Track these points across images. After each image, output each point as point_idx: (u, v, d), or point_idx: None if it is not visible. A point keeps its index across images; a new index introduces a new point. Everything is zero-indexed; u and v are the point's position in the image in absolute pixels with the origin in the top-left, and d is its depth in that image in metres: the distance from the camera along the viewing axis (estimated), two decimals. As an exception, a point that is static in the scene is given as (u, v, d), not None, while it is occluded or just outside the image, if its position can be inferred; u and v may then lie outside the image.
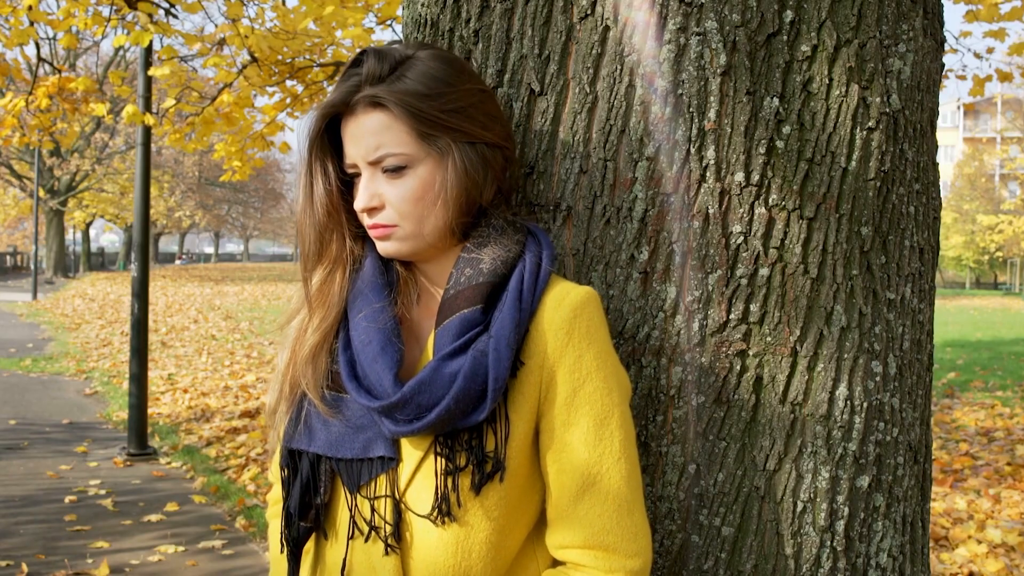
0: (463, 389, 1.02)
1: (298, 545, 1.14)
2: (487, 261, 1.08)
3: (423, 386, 1.02)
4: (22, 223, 44.49)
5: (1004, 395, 8.95)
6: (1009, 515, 4.68)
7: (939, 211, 1.41)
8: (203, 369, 10.11)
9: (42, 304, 20.21)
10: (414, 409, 1.03)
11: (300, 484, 1.11)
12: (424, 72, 1.08)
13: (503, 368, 1.02)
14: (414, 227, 1.09)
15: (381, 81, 1.07)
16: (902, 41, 1.28)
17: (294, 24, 5.32)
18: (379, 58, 1.08)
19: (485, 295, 1.06)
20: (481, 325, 1.05)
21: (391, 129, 1.06)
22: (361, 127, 1.08)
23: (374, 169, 1.09)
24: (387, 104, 1.06)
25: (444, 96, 1.07)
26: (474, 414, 1.03)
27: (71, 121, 7.51)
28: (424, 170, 1.07)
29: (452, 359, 1.03)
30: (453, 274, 1.10)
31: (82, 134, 28.55)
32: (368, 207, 1.09)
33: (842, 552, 1.25)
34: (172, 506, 5.01)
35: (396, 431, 1.05)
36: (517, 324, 1.04)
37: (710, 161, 1.21)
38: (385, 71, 1.07)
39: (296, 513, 1.12)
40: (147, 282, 6.39)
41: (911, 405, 1.33)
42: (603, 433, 1.06)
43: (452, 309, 1.06)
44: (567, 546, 1.07)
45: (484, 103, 1.12)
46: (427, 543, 1.07)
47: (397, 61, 1.08)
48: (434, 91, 1.07)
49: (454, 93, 1.08)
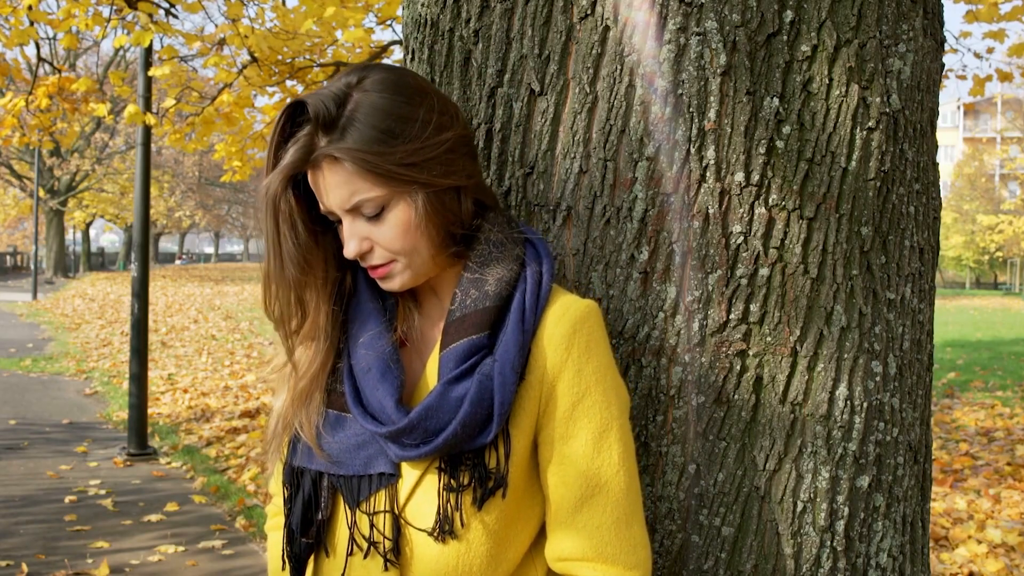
0: (469, 414, 1.02)
1: (300, 562, 1.13)
2: (492, 283, 1.08)
3: (430, 411, 1.03)
4: (22, 223, 44.50)
5: (1004, 395, 8.94)
6: (1009, 515, 4.68)
7: (939, 211, 1.41)
8: (203, 369, 10.11)
9: (42, 304, 20.20)
10: (421, 434, 1.03)
11: (302, 501, 1.12)
12: (373, 111, 1.03)
13: (508, 392, 1.03)
14: (410, 258, 1.07)
15: (332, 127, 1.02)
16: (902, 41, 1.28)
17: (294, 24, 5.32)
18: (322, 100, 1.02)
19: (492, 321, 1.06)
20: (486, 348, 1.05)
21: (358, 177, 1.03)
22: (330, 180, 1.04)
23: (354, 216, 1.06)
24: (343, 161, 1.02)
25: (398, 146, 1.02)
26: (480, 437, 1.04)
27: (71, 121, 7.52)
28: (403, 205, 1.05)
29: (458, 383, 1.04)
30: (457, 294, 1.09)
31: (82, 134, 28.54)
32: (359, 253, 1.07)
33: (842, 552, 1.25)
34: (172, 506, 5.01)
35: (403, 456, 1.05)
36: (520, 347, 1.04)
37: (710, 161, 1.21)
38: (333, 112, 1.02)
39: (298, 529, 1.12)
40: (147, 282, 6.39)
41: (911, 405, 1.33)
42: (602, 445, 1.06)
43: (460, 333, 1.06)
44: (566, 558, 1.07)
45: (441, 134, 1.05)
46: (427, 558, 1.07)
47: (342, 99, 1.03)
48: (388, 139, 1.02)
49: (410, 132, 1.03)
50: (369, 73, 1.06)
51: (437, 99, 1.08)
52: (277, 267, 1.07)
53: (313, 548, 1.13)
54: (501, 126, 1.32)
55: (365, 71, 1.06)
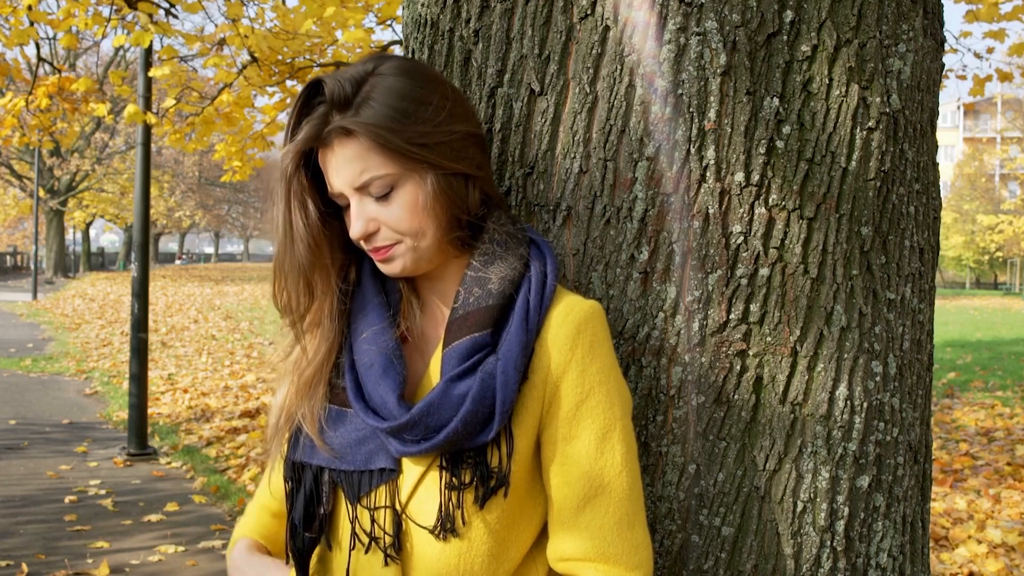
0: (471, 412, 1.02)
1: (304, 556, 1.14)
2: (495, 281, 1.08)
3: (431, 408, 1.03)
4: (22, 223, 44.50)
5: (1004, 395, 8.95)
6: (1009, 515, 4.68)
7: (939, 211, 1.41)
8: (203, 369, 10.11)
9: (42, 304, 20.20)
10: (422, 430, 1.04)
11: (304, 496, 1.12)
12: (389, 91, 1.05)
13: (511, 391, 1.03)
14: (414, 241, 1.08)
15: (348, 105, 1.04)
16: (902, 41, 1.28)
17: (294, 24, 5.33)
18: (339, 81, 1.05)
19: (495, 319, 1.06)
20: (489, 346, 1.06)
21: (371, 153, 1.05)
22: (340, 157, 1.06)
23: (362, 195, 1.07)
24: (359, 134, 1.04)
25: (411, 126, 1.04)
26: (481, 435, 1.04)
27: (71, 121, 7.52)
28: (411, 185, 1.06)
29: (460, 380, 1.04)
30: (461, 292, 1.09)
31: (82, 134, 28.55)
32: (365, 233, 1.08)
33: (842, 552, 1.25)
34: (172, 506, 5.01)
35: (403, 451, 1.06)
36: (524, 346, 1.05)
37: (710, 161, 1.21)
38: (349, 92, 1.04)
39: (300, 524, 1.12)
40: (147, 282, 6.39)
41: (911, 405, 1.33)
42: (605, 447, 1.06)
43: (462, 331, 1.06)
44: (568, 558, 1.07)
45: (453, 123, 1.08)
46: (428, 557, 1.07)
47: (359, 80, 1.05)
48: (402, 118, 1.04)
49: (423, 115, 1.05)
50: (386, 60, 1.09)
51: (452, 91, 1.11)
52: (288, 248, 1.09)
53: (316, 542, 1.14)
54: (501, 126, 1.32)
55: (382, 59, 1.09)
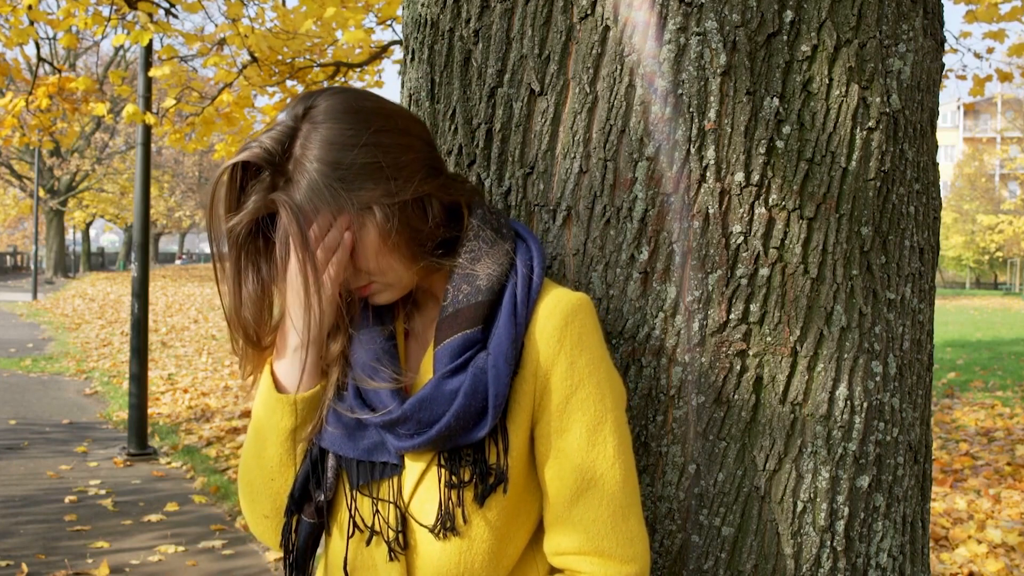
0: (463, 406, 1.03)
1: (305, 542, 1.15)
2: (483, 278, 1.08)
3: (424, 403, 1.04)
4: (22, 223, 44.52)
5: (1004, 395, 8.95)
6: (1009, 515, 4.68)
7: (939, 211, 1.41)
8: (203, 369, 10.12)
9: (42, 304, 20.21)
10: (415, 425, 1.05)
11: (305, 473, 1.13)
12: (320, 143, 1.03)
13: (503, 384, 1.04)
14: (389, 277, 1.09)
15: (282, 171, 1.03)
16: (902, 41, 1.28)
17: (294, 24, 5.33)
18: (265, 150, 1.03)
19: (485, 315, 1.07)
20: (480, 342, 1.06)
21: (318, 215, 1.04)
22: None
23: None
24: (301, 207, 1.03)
25: (348, 174, 1.03)
26: (476, 430, 1.04)
27: (71, 121, 7.52)
28: (368, 229, 1.05)
29: (452, 377, 1.05)
30: (449, 291, 1.09)
31: (82, 134, 28.55)
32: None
33: (842, 552, 1.25)
34: (172, 506, 5.01)
35: (399, 446, 1.07)
36: (513, 340, 1.05)
37: (710, 161, 1.21)
38: (278, 156, 1.03)
39: (297, 495, 1.13)
40: (147, 282, 6.39)
41: (911, 405, 1.33)
42: (596, 439, 1.06)
43: (452, 328, 1.07)
44: (563, 552, 1.08)
45: (391, 151, 1.06)
46: (430, 555, 1.08)
47: (287, 136, 1.04)
48: (339, 170, 1.03)
49: (359, 159, 1.03)
50: (316, 101, 1.06)
51: (378, 116, 1.07)
52: (236, 305, 1.09)
53: (318, 528, 1.15)
54: (501, 126, 1.32)
55: (311, 99, 1.07)
